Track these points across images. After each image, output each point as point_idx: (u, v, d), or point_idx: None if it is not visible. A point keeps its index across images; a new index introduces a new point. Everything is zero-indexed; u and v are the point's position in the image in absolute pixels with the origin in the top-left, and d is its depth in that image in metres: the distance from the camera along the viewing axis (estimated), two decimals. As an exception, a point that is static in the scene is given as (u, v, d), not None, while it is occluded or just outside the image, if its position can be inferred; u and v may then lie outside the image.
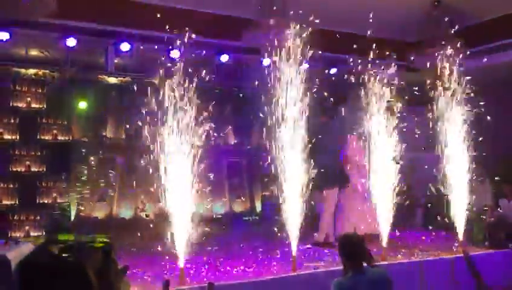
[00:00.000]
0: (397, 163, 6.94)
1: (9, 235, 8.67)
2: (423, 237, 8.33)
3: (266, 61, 7.89)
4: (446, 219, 7.48)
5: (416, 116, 7.70)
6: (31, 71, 9.39)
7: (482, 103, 7.31)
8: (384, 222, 6.86)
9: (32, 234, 9.09)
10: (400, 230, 7.83)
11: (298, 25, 6.31)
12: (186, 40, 5.76)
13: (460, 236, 7.18)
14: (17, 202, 9.16)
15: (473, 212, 7.36)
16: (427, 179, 8.63)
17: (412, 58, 8.52)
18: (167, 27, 5.91)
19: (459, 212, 7.22)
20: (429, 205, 9.65)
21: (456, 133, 7.31)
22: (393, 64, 7.03)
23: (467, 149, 7.32)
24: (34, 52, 9.16)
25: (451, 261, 6.54)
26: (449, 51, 7.43)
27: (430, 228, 8.90)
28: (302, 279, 5.82)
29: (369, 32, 7.01)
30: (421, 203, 10.23)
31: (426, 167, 7.75)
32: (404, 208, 7.80)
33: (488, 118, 7.47)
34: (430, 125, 7.41)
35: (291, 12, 6.47)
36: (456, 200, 7.24)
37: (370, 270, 3.70)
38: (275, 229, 6.32)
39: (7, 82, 9.27)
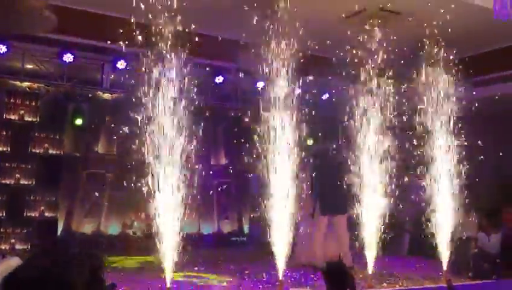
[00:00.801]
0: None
1: (-7, 247, 8.62)
2: (409, 265, 8.39)
3: (260, 84, 8.02)
4: (431, 247, 7.53)
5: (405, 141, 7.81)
6: (25, 84, 9.43)
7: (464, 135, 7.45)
8: (370, 248, 6.90)
9: (17, 247, 9.03)
10: (385, 257, 7.89)
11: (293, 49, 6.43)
12: (181, 60, 5.85)
13: (445, 265, 7.24)
14: (4, 215, 9.12)
15: (457, 242, 7.42)
16: (414, 205, 8.69)
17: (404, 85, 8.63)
18: (163, 47, 5.99)
19: (443, 241, 7.28)
20: (416, 231, 9.69)
21: (445, 161, 7.41)
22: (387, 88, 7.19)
23: (454, 179, 7.41)
24: (29, 66, 9.23)
25: (436, 289, 6.58)
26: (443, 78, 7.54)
27: (416, 256, 8.96)
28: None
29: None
30: (407, 230, 10.28)
31: (414, 192, 7.83)
32: (391, 234, 7.88)
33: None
34: (419, 152, 7.51)
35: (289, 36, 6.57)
36: (441, 229, 7.32)
37: None
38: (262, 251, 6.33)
39: (1, 94, 9.31)
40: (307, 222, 7.93)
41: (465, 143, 7.46)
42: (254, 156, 6.33)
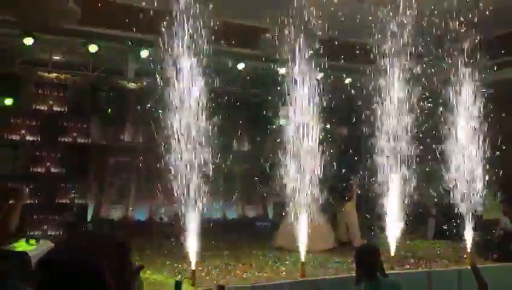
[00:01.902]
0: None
1: (27, 233, 8.91)
2: (433, 249, 8.39)
3: (282, 70, 8.06)
4: (457, 231, 7.50)
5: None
6: (53, 75, 9.68)
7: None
8: (392, 231, 6.93)
9: (49, 233, 9.34)
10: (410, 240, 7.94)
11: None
12: (204, 48, 5.92)
13: (469, 248, 7.22)
14: (36, 202, 9.43)
15: (482, 225, 7.39)
16: (440, 189, 8.63)
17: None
18: (186, 35, 6.06)
19: (468, 224, 7.25)
20: (442, 216, 9.65)
21: (471, 144, 7.32)
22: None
23: (480, 163, 7.32)
24: (56, 57, 9.45)
25: (459, 272, 6.58)
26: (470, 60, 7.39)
27: (442, 239, 8.98)
28: (310, 285, 5.93)
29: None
30: (432, 214, 10.24)
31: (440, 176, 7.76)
32: (416, 218, 7.88)
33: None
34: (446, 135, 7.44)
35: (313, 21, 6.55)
36: (466, 213, 7.28)
37: (383, 280, 3.81)
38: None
39: (30, 85, 9.57)
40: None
41: (489, 127, 7.36)
42: (277, 142, 6.44)
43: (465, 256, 7.27)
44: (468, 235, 7.23)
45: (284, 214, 7.72)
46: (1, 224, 3.15)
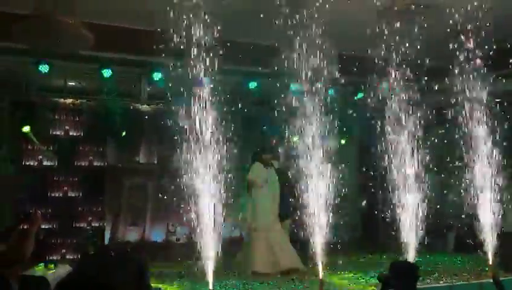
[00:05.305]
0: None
1: (46, 258, 8.98)
2: (454, 262, 8.24)
3: (293, 87, 8.08)
4: (477, 243, 7.37)
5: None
6: (69, 101, 9.85)
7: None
8: (411, 244, 6.85)
9: (68, 257, 9.42)
10: (429, 254, 7.80)
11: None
12: (215, 68, 5.98)
13: (491, 260, 7.08)
14: (54, 226, 9.52)
15: (504, 237, 7.25)
16: (458, 200, 8.51)
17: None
18: (197, 56, 6.13)
19: (489, 236, 7.13)
20: (461, 228, 9.49)
21: (488, 155, 7.22)
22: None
23: (498, 172, 7.22)
24: (71, 83, 9.63)
25: (481, 285, 6.45)
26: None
27: (462, 253, 8.82)
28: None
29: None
30: (452, 227, 10.08)
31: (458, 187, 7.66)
32: (434, 232, 7.74)
33: None
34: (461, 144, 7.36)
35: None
36: (486, 224, 7.16)
37: None
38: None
39: (47, 111, 9.75)
40: None
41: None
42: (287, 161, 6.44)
43: (486, 269, 7.13)
44: (489, 247, 7.11)
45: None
46: (16, 249, 3.17)
